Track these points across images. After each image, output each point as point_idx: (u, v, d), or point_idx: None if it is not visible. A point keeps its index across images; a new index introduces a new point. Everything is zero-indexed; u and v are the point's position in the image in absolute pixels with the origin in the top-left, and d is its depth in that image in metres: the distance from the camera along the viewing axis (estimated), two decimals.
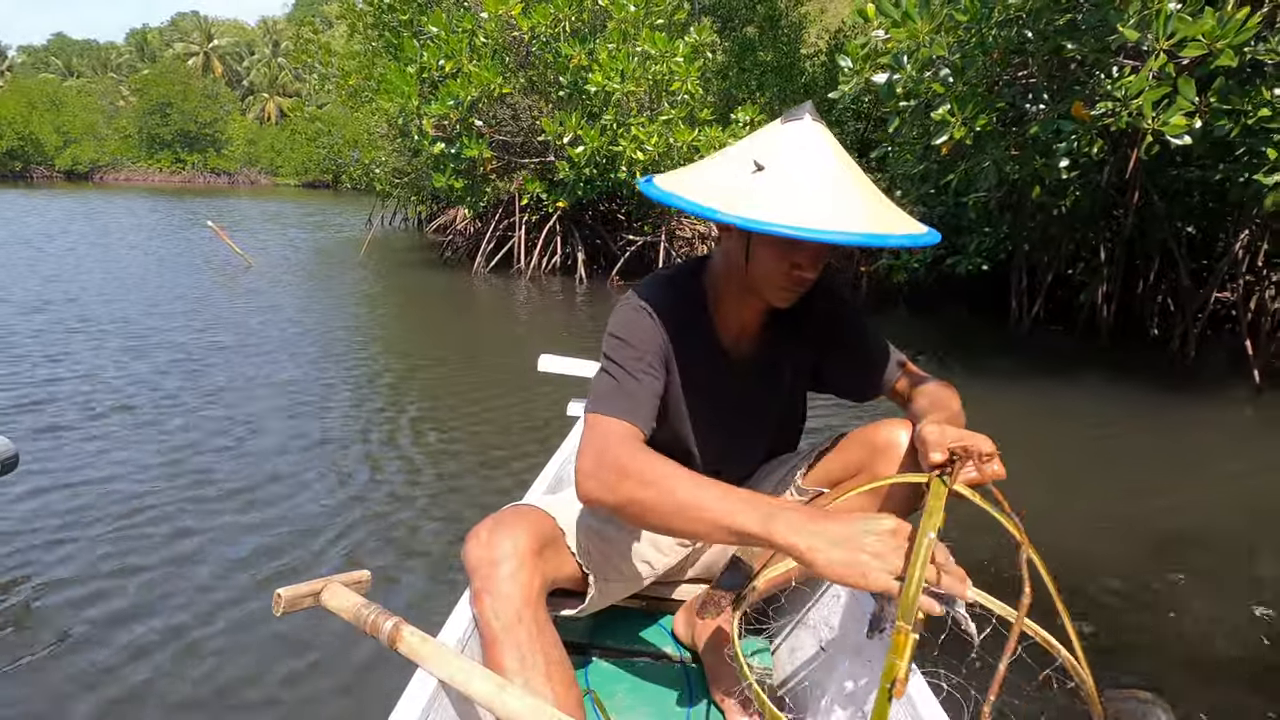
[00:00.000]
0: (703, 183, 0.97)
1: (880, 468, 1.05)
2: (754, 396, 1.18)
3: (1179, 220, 4.80)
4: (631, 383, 1.04)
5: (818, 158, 0.91)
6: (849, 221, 0.85)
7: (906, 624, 0.69)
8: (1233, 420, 3.60)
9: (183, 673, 1.45)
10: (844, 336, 1.16)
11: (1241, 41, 2.88)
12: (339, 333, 4.90)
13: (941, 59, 3.82)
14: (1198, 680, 1.59)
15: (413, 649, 0.91)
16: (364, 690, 1.43)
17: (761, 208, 0.87)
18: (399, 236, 13.14)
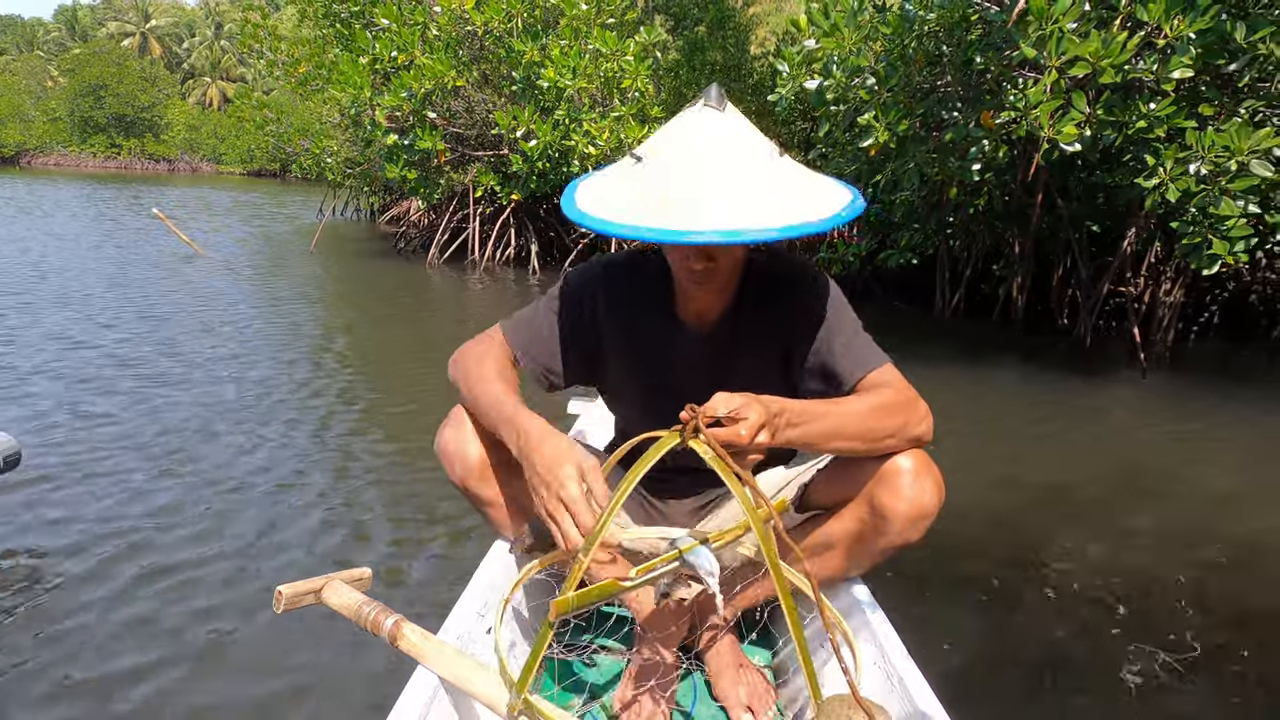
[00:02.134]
0: (598, 177, 0.99)
1: (883, 496, 1.01)
2: (718, 380, 1.09)
3: (1085, 220, 5.25)
4: (540, 321, 1.13)
5: (686, 148, 0.88)
6: (692, 218, 0.81)
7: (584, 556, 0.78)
8: (1118, 399, 4.03)
9: (179, 670, 1.44)
10: (813, 332, 1.07)
11: (1122, 61, 3.25)
12: (304, 324, 4.95)
13: (867, 68, 4.13)
14: (1061, 624, 1.90)
15: (413, 646, 0.91)
16: (364, 688, 1.41)
17: (613, 204, 0.88)
18: (351, 227, 13.02)
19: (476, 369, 1.08)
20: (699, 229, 0.81)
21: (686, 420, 0.82)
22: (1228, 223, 3.37)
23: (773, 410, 0.86)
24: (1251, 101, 3.53)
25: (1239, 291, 5.59)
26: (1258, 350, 5.18)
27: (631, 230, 0.84)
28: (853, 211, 0.89)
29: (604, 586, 0.81)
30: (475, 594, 1.11)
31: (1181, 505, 2.58)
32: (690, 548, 0.84)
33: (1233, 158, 3.27)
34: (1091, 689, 1.56)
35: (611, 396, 1.28)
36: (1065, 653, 1.68)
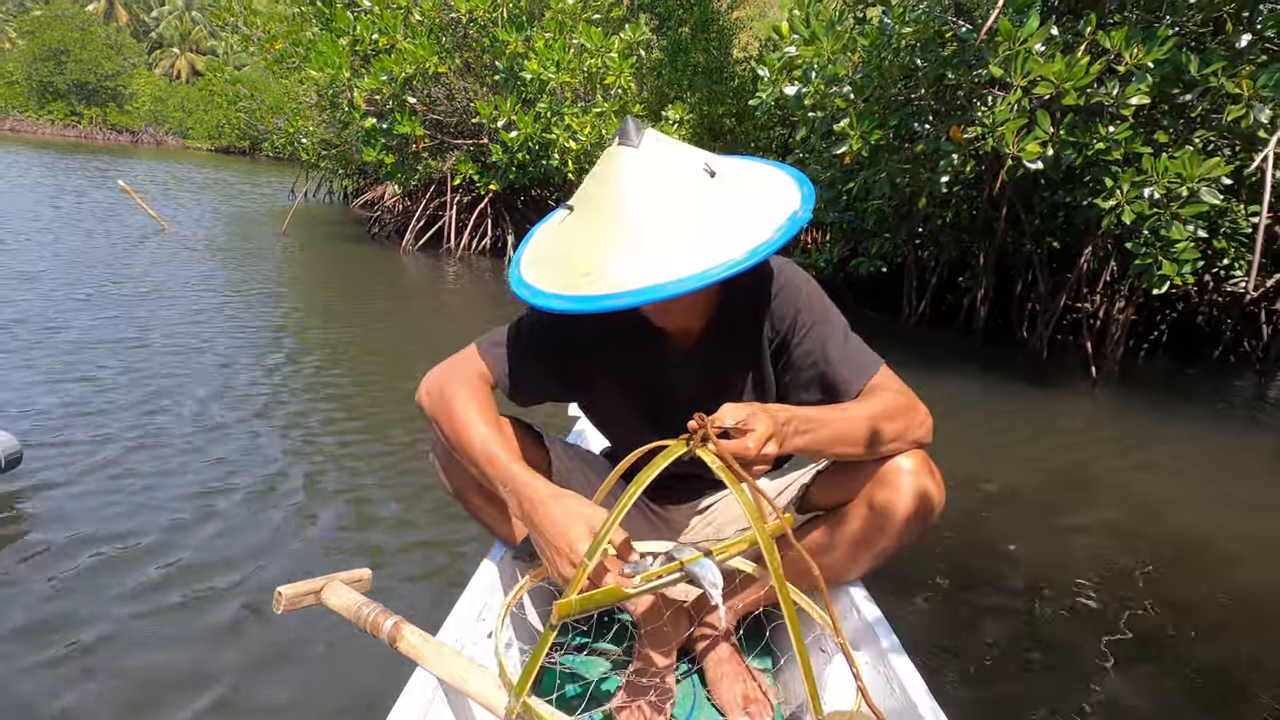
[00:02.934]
0: (541, 228, 1.00)
1: (881, 498, 1.01)
2: (707, 397, 1.09)
3: (1046, 237, 5.45)
4: (521, 344, 1.09)
5: (602, 200, 0.87)
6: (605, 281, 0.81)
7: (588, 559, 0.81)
8: (1068, 409, 4.20)
9: (177, 672, 1.43)
10: (802, 335, 1.06)
11: (1084, 84, 3.40)
12: (281, 311, 4.88)
13: (845, 77, 4.24)
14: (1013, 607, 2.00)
15: (413, 648, 0.91)
16: (363, 689, 1.41)
17: (545, 267, 0.89)
18: (323, 209, 12.81)
19: (460, 410, 1.02)
20: (608, 292, 0.80)
21: (694, 430, 0.82)
22: (1177, 246, 3.55)
23: (779, 420, 0.87)
24: (1203, 131, 3.71)
25: (1187, 312, 5.84)
26: (1201, 370, 5.42)
27: (551, 301, 0.84)
28: (788, 232, 0.86)
29: (607, 592, 0.81)
30: (474, 596, 1.10)
31: (1125, 509, 2.72)
32: (694, 559, 0.84)
33: (1184, 184, 3.44)
34: (1057, 679, 1.66)
35: (596, 410, 1.24)
36: (1034, 645, 1.78)
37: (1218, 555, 2.36)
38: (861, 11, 4.58)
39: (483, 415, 1.02)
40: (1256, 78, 3.27)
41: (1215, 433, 3.84)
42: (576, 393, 1.18)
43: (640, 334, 1.09)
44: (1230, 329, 5.53)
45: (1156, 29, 3.40)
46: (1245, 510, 2.86)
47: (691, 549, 0.86)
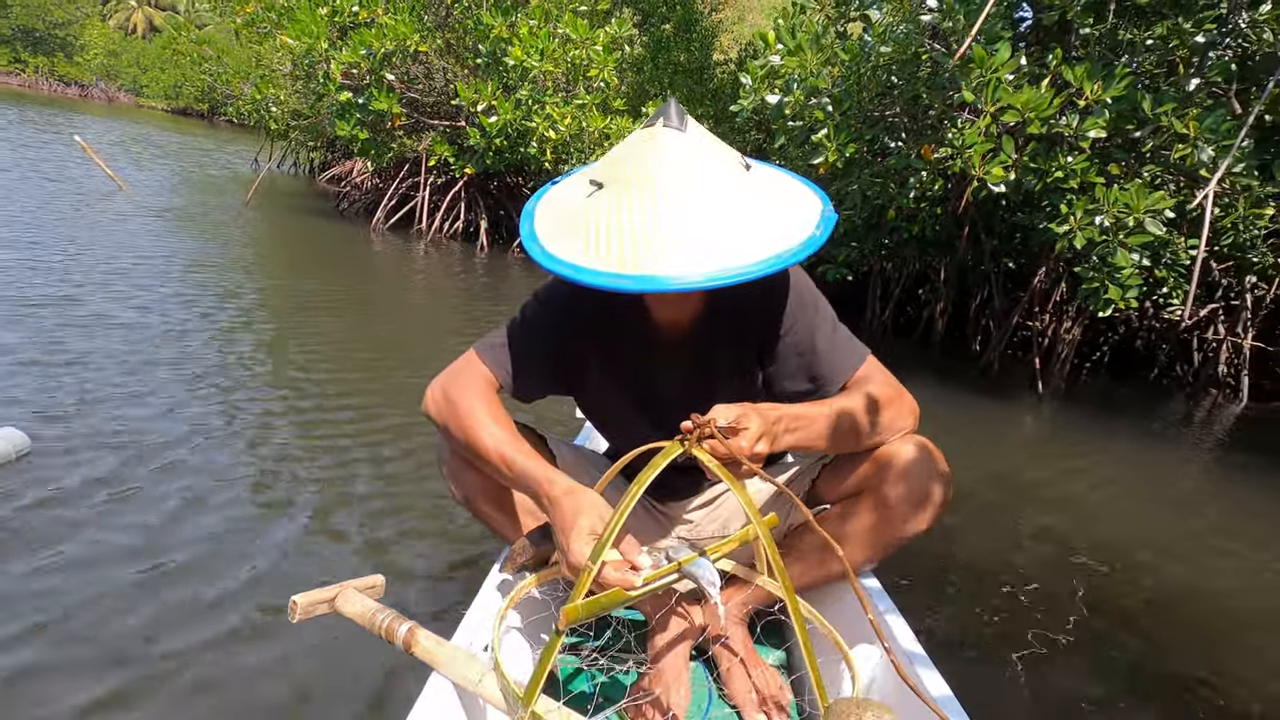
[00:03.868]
0: (556, 208, 0.95)
1: (887, 488, 1.02)
2: (700, 388, 1.12)
3: (1003, 256, 5.71)
4: (520, 345, 1.08)
5: (647, 180, 0.84)
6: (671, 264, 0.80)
7: (592, 563, 0.79)
8: (1015, 420, 4.44)
9: (191, 678, 1.42)
10: (786, 325, 1.06)
11: (1047, 115, 3.59)
12: (252, 288, 4.79)
13: (825, 90, 4.37)
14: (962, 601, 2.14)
15: (427, 652, 0.90)
16: (379, 695, 1.41)
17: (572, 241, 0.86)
18: (288, 181, 12.50)
19: (469, 417, 1.01)
20: (664, 274, 0.79)
21: (689, 430, 0.83)
22: (1122, 272, 3.79)
23: (770, 419, 0.88)
24: (1152, 166, 3.96)
25: (1127, 335, 6.18)
26: (1137, 389, 5.76)
27: (600, 278, 0.81)
28: (823, 236, 0.88)
29: (610, 595, 0.81)
30: (487, 601, 1.10)
31: (1062, 513, 2.92)
32: (691, 559, 0.85)
33: (1131, 214, 3.67)
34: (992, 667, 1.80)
35: (591, 405, 1.25)
36: (968, 637, 1.92)
37: (1143, 555, 2.57)
38: (843, 27, 4.72)
39: (494, 419, 1.01)
40: (1202, 119, 3.51)
41: (1147, 449, 4.11)
42: (572, 386, 1.18)
43: (632, 324, 1.09)
44: (1165, 353, 5.87)
45: (1115, 68, 3.61)
46: (1170, 518, 3.10)
47: (689, 549, 0.87)
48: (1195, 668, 1.89)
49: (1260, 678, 1.89)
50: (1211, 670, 1.89)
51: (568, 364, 1.13)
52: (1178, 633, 2.08)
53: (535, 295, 1.12)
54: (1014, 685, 1.71)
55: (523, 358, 1.09)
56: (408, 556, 1.92)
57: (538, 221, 0.94)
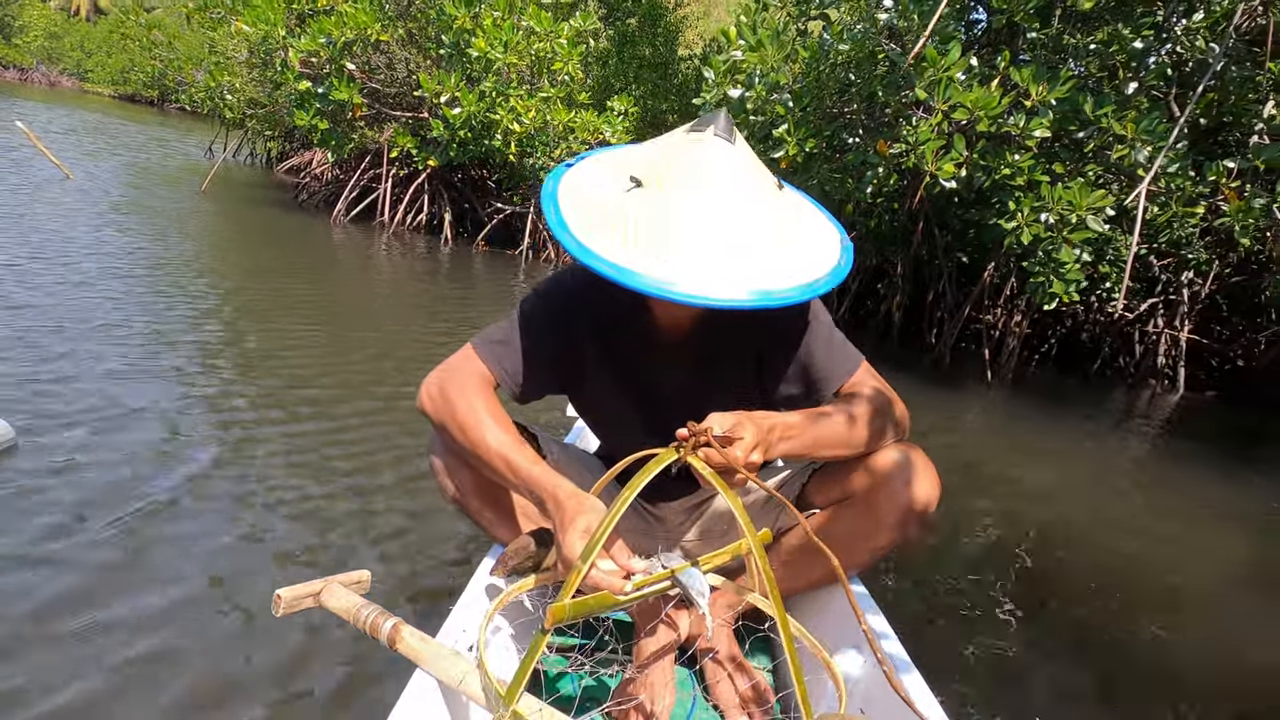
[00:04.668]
0: (586, 198, 0.93)
1: (877, 494, 1.02)
2: (697, 390, 1.12)
3: (957, 251, 5.89)
4: (519, 342, 1.06)
5: (694, 186, 0.84)
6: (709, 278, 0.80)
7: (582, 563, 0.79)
8: (967, 409, 4.60)
9: (173, 673, 1.40)
10: (790, 333, 1.07)
11: (996, 114, 3.74)
12: (214, 282, 4.68)
13: (785, 85, 4.46)
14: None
15: (412, 649, 0.90)
16: (363, 691, 1.40)
17: (619, 245, 0.84)
18: (244, 171, 12.19)
19: (468, 416, 0.99)
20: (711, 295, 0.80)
21: (684, 438, 0.83)
22: (1066, 267, 3.96)
23: (764, 428, 0.88)
24: (1094, 166, 4.14)
25: (1073, 329, 6.44)
26: (1082, 380, 6.01)
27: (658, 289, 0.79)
28: (847, 265, 0.91)
29: (599, 598, 0.81)
30: (473, 597, 1.10)
31: (1010, 496, 3.06)
32: (682, 568, 0.85)
33: (1074, 211, 3.84)
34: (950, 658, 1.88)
35: (586, 403, 1.24)
36: (924, 612, 2.02)
37: (1085, 535, 2.71)
38: (804, 25, 4.82)
39: (494, 419, 0.99)
40: (1139, 121, 3.69)
41: (1091, 436, 4.31)
42: (570, 384, 1.16)
43: (633, 324, 1.08)
44: (1109, 346, 6.14)
45: (1060, 70, 3.77)
46: (1113, 501, 3.28)
47: (680, 557, 0.87)
48: (1140, 633, 2.04)
49: (1196, 639, 2.04)
50: (1155, 634, 2.04)
51: (567, 362, 1.11)
52: (1123, 603, 2.22)
53: (535, 291, 1.10)
54: (969, 665, 1.81)
55: (523, 356, 1.06)
56: (394, 552, 1.90)
57: (566, 212, 0.91)
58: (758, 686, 1.12)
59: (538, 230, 8.05)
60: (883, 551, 1.08)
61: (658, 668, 1.09)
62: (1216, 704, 1.79)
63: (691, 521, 1.29)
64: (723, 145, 0.86)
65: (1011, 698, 1.68)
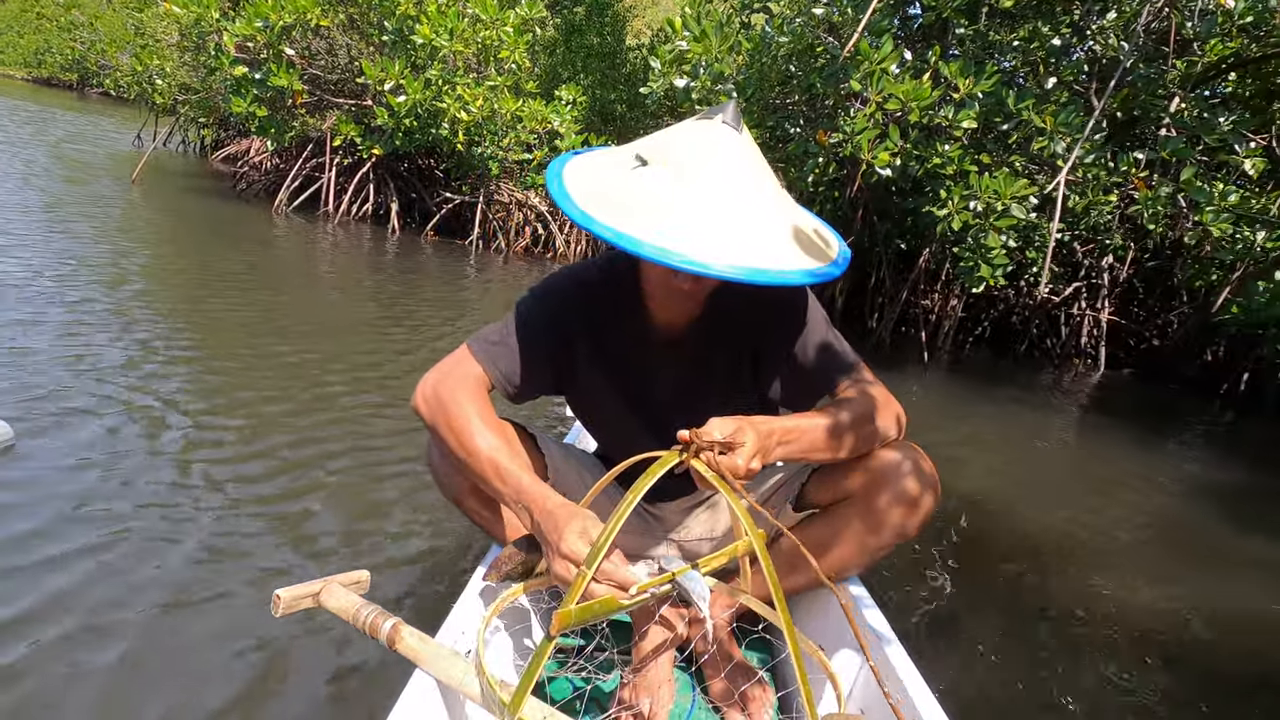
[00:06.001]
0: (593, 174, 0.93)
1: (876, 494, 1.02)
2: (693, 389, 1.12)
3: (895, 238, 6.12)
4: (513, 342, 1.06)
5: (702, 166, 0.84)
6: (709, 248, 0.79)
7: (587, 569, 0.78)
8: (907, 390, 4.83)
9: (173, 671, 1.40)
10: (787, 334, 1.07)
11: (927, 105, 3.91)
12: (164, 274, 4.52)
13: (730, 76, 4.57)
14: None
15: (411, 649, 0.89)
16: (362, 691, 1.40)
17: (622, 213, 0.83)
18: (177, 160, 11.70)
19: (461, 420, 0.99)
20: (721, 264, 0.78)
21: (686, 442, 0.84)
22: (992, 252, 4.18)
23: (763, 433, 0.88)
24: (1018, 157, 4.37)
25: (1005, 312, 6.77)
26: (1014, 361, 6.34)
27: (652, 251, 0.79)
28: (847, 257, 0.91)
29: (603, 602, 0.81)
30: (472, 597, 1.09)
31: (942, 469, 3.24)
32: (683, 571, 0.85)
33: (1000, 200, 4.06)
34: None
35: (581, 404, 1.24)
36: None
37: (1011, 502, 2.92)
38: (747, 17, 4.92)
39: (486, 424, 0.98)
40: (1057, 115, 3.92)
41: (1021, 413, 4.59)
42: (565, 384, 1.16)
43: (628, 325, 1.08)
44: (1036, 328, 6.48)
45: (986, 65, 3.97)
46: (1037, 471, 3.51)
47: (680, 560, 0.92)
48: (1067, 585, 2.23)
49: (1115, 594, 2.24)
50: (1080, 586, 2.24)
51: (562, 362, 1.11)
52: (1051, 558, 2.42)
53: (531, 291, 1.11)
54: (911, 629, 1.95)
55: (518, 356, 1.06)
56: (393, 553, 1.90)
57: (570, 188, 0.90)
58: (756, 686, 1.11)
59: (488, 220, 8.00)
60: (883, 551, 1.07)
61: (656, 668, 1.09)
62: (1138, 642, 1.97)
63: (689, 521, 1.29)
64: (730, 132, 0.87)
65: (944, 653, 1.82)
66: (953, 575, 2.20)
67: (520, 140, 7.03)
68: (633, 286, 1.07)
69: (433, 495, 2.12)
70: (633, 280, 1.07)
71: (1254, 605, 2.29)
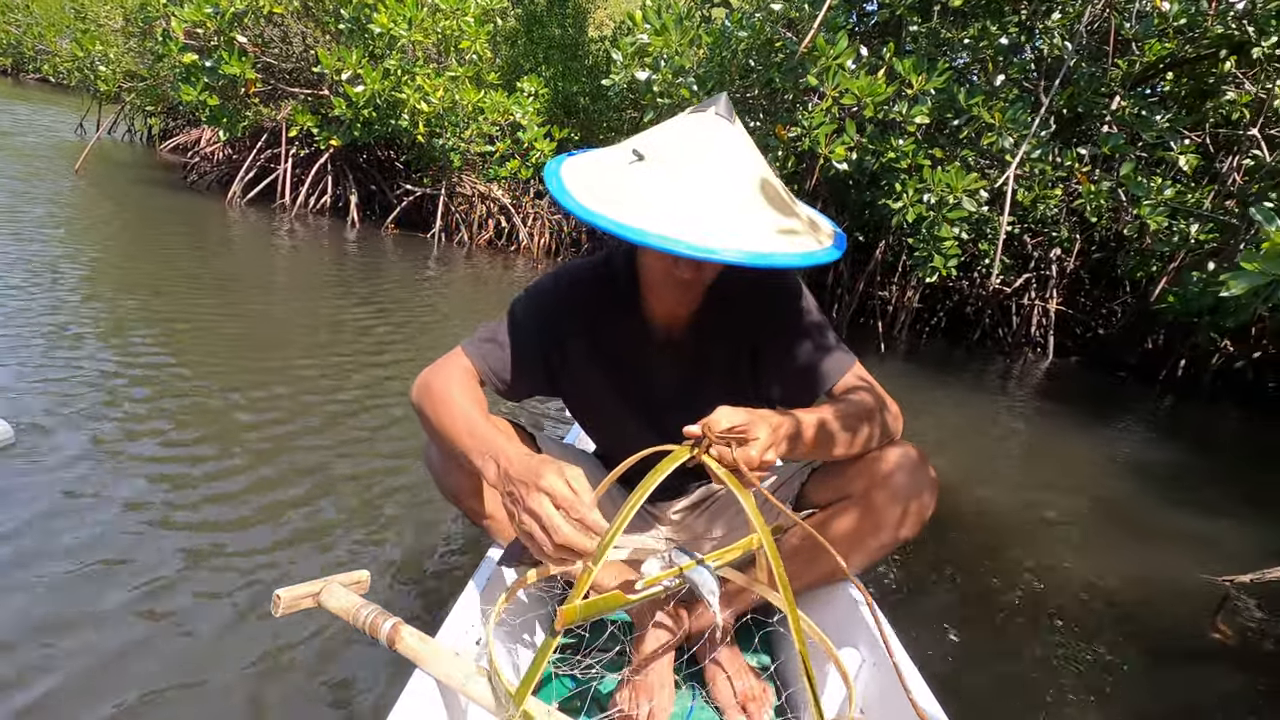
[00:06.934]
0: (591, 171, 0.93)
1: (874, 494, 1.01)
2: (690, 386, 1.12)
3: (853, 231, 6.25)
4: (506, 339, 1.07)
5: (699, 157, 0.85)
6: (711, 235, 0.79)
7: (594, 564, 0.76)
8: None
9: (171, 674, 1.38)
10: (783, 333, 1.07)
11: (881, 101, 4.01)
12: (121, 271, 4.38)
13: (690, 70, 4.61)
14: None
15: (411, 649, 0.90)
16: (362, 691, 1.40)
17: (623, 205, 0.83)
18: (123, 150, 11.29)
19: (442, 395, 1.00)
20: (726, 249, 0.78)
21: (697, 436, 0.82)
22: (945, 243, 4.31)
23: (774, 424, 0.87)
24: (968, 151, 4.51)
25: (959, 303, 6.97)
26: (967, 350, 6.53)
27: (658, 240, 0.78)
28: (843, 241, 0.92)
29: (610, 597, 0.81)
30: (472, 597, 1.09)
31: None
32: (690, 566, 0.85)
33: (952, 193, 4.18)
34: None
35: (578, 404, 1.24)
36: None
37: (967, 484, 3.03)
38: (708, 11, 4.96)
39: (465, 394, 0.99)
40: (1006, 111, 4.05)
41: (974, 400, 4.74)
42: (561, 384, 1.15)
43: (623, 325, 1.09)
44: (989, 318, 6.69)
45: (938, 63, 4.08)
46: (990, 455, 3.65)
47: (689, 555, 0.87)
48: (1019, 562, 2.35)
49: (1061, 568, 2.36)
50: (1029, 563, 2.35)
51: (555, 361, 1.11)
52: (999, 538, 2.52)
53: (526, 290, 1.12)
54: None
55: (508, 352, 1.07)
56: (393, 552, 1.89)
57: (570, 181, 0.90)
58: (755, 686, 1.11)
59: (450, 212, 7.92)
60: (884, 551, 1.07)
61: (657, 668, 1.09)
62: (1082, 612, 2.08)
63: (689, 521, 1.29)
64: (723, 123, 0.89)
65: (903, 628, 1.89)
66: (909, 553, 2.28)
67: (482, 132, 6.97)
68: (628, 285, 1.08)
69: (432, 495, 2.13)
70: (628, 279, 1.08)
71: (1183, 574, 2.44)
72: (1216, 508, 3.20)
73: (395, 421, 2.72)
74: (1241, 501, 3.35)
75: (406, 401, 2.88)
